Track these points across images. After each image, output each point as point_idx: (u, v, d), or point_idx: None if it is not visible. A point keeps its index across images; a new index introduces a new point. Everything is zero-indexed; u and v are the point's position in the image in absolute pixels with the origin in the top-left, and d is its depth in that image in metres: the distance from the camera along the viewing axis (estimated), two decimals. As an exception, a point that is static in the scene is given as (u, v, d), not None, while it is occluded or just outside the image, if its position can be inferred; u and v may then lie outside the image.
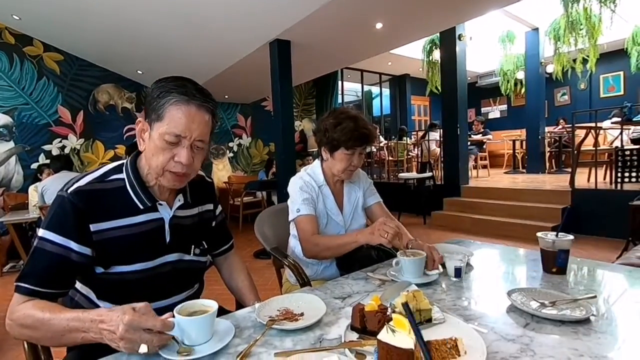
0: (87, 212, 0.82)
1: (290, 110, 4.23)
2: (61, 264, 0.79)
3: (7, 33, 5.22)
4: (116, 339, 0.66)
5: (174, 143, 0.83)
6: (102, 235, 0.83)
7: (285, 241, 1.54)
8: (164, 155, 0.83)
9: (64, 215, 0.81)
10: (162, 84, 0.84)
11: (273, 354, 0.68)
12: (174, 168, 0.84)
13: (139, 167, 0.91)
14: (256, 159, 7.91)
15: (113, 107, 6.17)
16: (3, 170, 5.27)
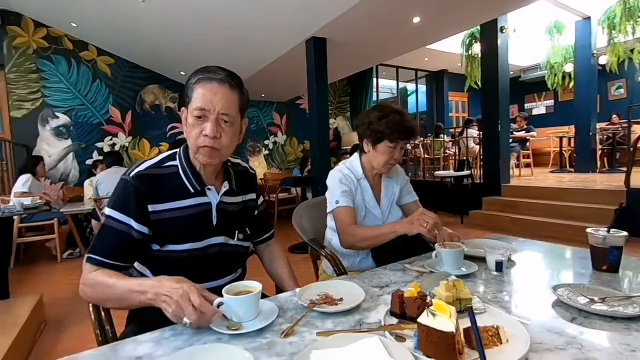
0: (146, 194, 0.91)
1: (326, 108, 4.26)
2: (124, 239, 0.88)
3: (67, 40, 5.68)
4: (171, 302, 0.72)
5: (201, 117, 0.90)
6: (158, 215, 0.92)
7: (323, 234, 1.57)
8: (195, 132, 0.91)
9: (126, 197, 0.90)
10: (192, 73, 0.93)
11: (315, 334, 0.71)
12: (203, 142, 0.91)
13: (189, 154, 0.99)
14: (291, 157, 8.04)
15: (158, 107, 6.53)
16: (62, 166, 5.75)
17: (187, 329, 0.74)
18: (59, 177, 5.70)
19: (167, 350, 0.67)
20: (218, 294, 0.83)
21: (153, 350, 0.68)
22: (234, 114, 0.94)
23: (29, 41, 5.46)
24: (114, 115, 6.11)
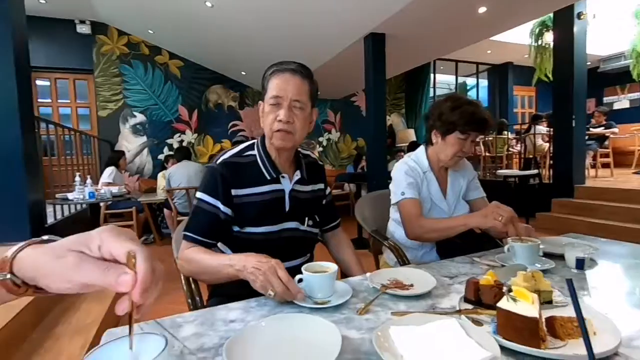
0: (229, 180, 1.02)
1: (383, 105, 4.23)
2: (213, 219, 1.00)
3: (144, 45, 6.26)
4: (258, 274, 0.80)
5: (275, 104, 1.01)
6: (239, 199, 1.03)
7: (384, 226, 1.60)
8: (270, 117, 1.02)
9: (214, 182, 1.02)
10: (268, 68, 1.05)
11: (390, 313, 0.74)
12: (278, 127, 1.01)
13: (266, 144, 1.10)
14: (344, 154, 8.08)
15: (220, 106, 6.94)
16: (138, 160, 6.36)
17: (269, 300, 0.82)
18: (135, 169, 6.32)
19: (255, 317, 0.75)
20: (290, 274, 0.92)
21: (243, 316, 0.76)
22: (305, 100, 1.03)
23: (113, 48, 6.11)
24: (182, 114, 6.62)
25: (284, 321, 0.68)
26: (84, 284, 0.36)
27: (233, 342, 0.60)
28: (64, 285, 0.36)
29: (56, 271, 0.36)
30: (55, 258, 0.36)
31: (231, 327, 0.71)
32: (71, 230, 0.42)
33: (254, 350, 0.59)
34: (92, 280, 0.35)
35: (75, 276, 0.35)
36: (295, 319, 0.69)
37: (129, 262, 0.36)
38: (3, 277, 0.38)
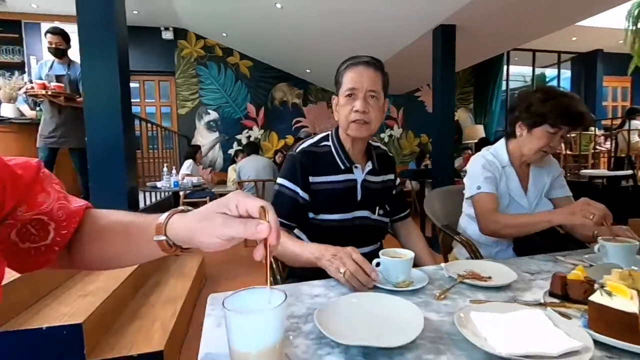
0: (307, 167, 1.10)
1: (452, 99, 4.06)
2: (293, 203, 1.08)
3: (218, 48, 6.74)
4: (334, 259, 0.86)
5: (351, 96, 1.07)
6: (316, 186, 1.10)
7: (453, 222, 1.57)
8: (345, 109, 1.08)
9: (293, 168, 1.11)
10: (341, 63, 1.11)
11: (468, 301, 0.76)
12: (354, 117, 1.07)
13: (340, 136, 1.16)
14: (406, 150, 7.90)
15: (285, 103, 7.21)
16: (211, 154, 6.89)
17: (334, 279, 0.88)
18: (208, 163, 6.84)
19: (336, 294, 0.81)
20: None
21: (325, 292, 0.82)
22: (379, 89, 1.09)
23: (192, 51, 6.67)
24: (250, 111, 7.01)
25: (367, 298, 0.73)
26: (229, 237, 0.44)
27: (321, 312, 0.66)
28: (214, 240, 0.44)
29: (208, 230, 0.44)
30: (205, 220, 0.45)
31: (316, 301, 0.78)
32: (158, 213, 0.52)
33: (341, 319, 0.65)
34: (237, 233, 0.43)
35: (224, 231, 0.43)
36: (377, 297, 0.74)
37: (262, 215, 0.44)
38: (160, 238, 0.48)
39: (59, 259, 0.53)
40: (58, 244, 0.51)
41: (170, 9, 5.64)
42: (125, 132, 2.75)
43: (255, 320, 0.42)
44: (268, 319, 0.42)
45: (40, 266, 0.51)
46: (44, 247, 0.50)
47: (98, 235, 0.54)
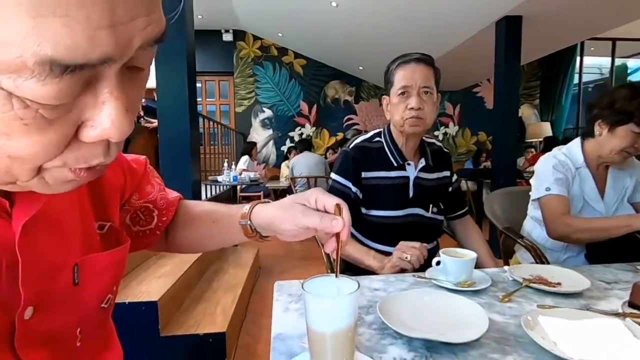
0: (360, 162, 1.13)
1: (516, 95, 3.80)
2: (345, 198, 1.09)
3: (273, 48, 6.97)
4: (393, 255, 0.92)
5: (404, 94, 1.07)
6: (367, 181, 1.13)
7: (516, 224, 1.50)
8: (400, 108, 1.09)
9: (345, 164, 1.14)
10: (391, 62, 1.12)
11: (535, 305, 0.74)
12: (409, 114, 1.07)
13: (392, 133, 1.17)
14: (462, 149, 7.56)
15: (337, 100, 7.25)
16: (265, 151, 7.16)
17: (407, 276, 0.90)
18: (262, 159, 7.12)
19: (396, 289, 0.84)
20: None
21: (385, 287, 0.85)
22: (432, 85, 1.09)
23: (249, 52, 6.97)
24: (303, 109, 7.16)
25: (429, 294, 0.74)
26: (305, 227, 0.49)
27: (384, 304, 0.69)
28: (292, 227, 0.49)
29: (288, 218, 0.50)
30: (286, 208, 0.51)
31: (376, 294, 0.81)
32: None
33: (403, 312, 0.67)
34: (313, 224, 0.48)
35: (303, 220, 0.48)
36: (438, 294, 0.75)
37: (336, 212, 0.48)
38: (245, 222, 0.54)
39: (157, 242, 0.62)
40: (159, 229, 0.60)
41: (230, 12, 5.94)
42: (191, 130, 2.97)
43: (331, 304, 0.47)
44: (342, 304, 0.46)
45: (144, 247, 0.61)
46: (149, 230, 0.59)
47: (190, 222, 0.62)
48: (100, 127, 0.26)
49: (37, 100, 0.22)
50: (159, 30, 0.26)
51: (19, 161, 0.25)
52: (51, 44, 0.20)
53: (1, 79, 0.21)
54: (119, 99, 0.25)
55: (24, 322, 0.35)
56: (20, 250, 0.34)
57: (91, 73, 0.23)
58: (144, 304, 1.58)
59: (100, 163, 0.29)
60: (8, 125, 0.23)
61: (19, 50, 0.20)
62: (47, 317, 0.37)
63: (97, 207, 0.47)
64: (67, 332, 0.41)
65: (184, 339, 1.61)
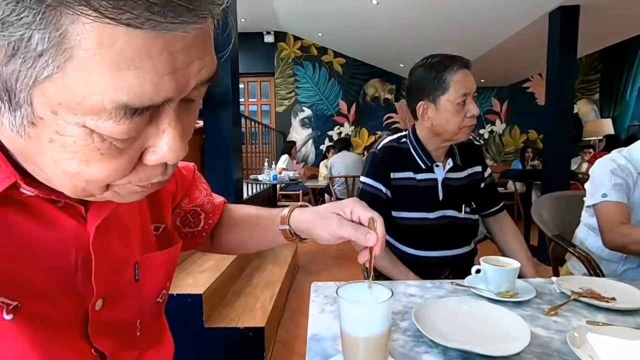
0: (389, 162, 1.12)
1: (571, 90, 3.53)
2: (376, 200, 1.10)
3: (313, 47, 7.03)
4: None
5: (462, 102, 1.03)
6: (397, 182, 1.12)
7: (568, 232, 1.40)
8: (458, 116, 1.04)
9: (374, 165, 1.13)
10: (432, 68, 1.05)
11: (585, 321, 0.69)
12: (469, 122, 1.05)
13: (418, 135, 1.14)
14: (509, 148, 7.16)
15: (377, 99, 7.17)
16: (304, 150, 7.26)
17: (445, 283, 0.88)
18: (301, 158, 7.23)
19: (432, 296, 0.82)
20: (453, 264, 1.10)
21: (421, 293, 0.84)
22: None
23: (290, 52, 7.09)
24: (342, 108, 7.15)
25: (467, 303, 0.73)
26: (339, 236, 0.50)
27: (419, 311, 0.68)
28: (327, 235, 0.51)
29: (324, 226, 0.51)
30: (323, 217, 0.52)
31: (412, 300, 0.80)
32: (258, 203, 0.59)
33: (439, 320, 0.67)
34: (346, 235, 0.49)
35: (337, 230, 0.50)
36: (477, 304, 0.73)
37: (371, 225, 0.49)
38: (285, 227, 0.57)
39: (204, 243, 0.67)
40: (206, 231, 0.64)
41: (272, 14, 6.08)
42: (234, 130, 3.09)
43: (365, 311, 0.48)
44: (376, 311, 0.47)
45: (192, 247, 0.65)
46: (197, 232, 0.64)
47: (234, 225, 0.66)
48: (161, 152, 0.31)
49: (113, 136, 0.27)
50: (211, 71, 0.30)
51: (92, 183, 0.31)
52: (125, 92, 0.25)
53: (85, 120, 0.26)
54: (176, 129, 0.30)
55: (95, 313, 0.40)
56: (93, 249, 0.38)
57: (154, 110, 0.28)
58: (190, 296, 1.68)
59: (159, 181, 0.34)
60: (88, 155, 0.28)
61: (100, 97, 0.25)
62: (113, 309, 0.42)
63: (154, 210, 0.52)
64: (129, 323, 0.46)
65: (226, 331, 1.69)
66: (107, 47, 0.23)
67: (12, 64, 0.24)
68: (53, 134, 0.27)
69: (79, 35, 0.23)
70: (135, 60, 0.24)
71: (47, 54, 0.23)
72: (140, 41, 0.24)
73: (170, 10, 0.23)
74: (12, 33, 0.22)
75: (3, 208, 0.33)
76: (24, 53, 0.23)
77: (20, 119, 0.26)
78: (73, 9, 0.22)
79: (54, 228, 0.37)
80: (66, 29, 0.23)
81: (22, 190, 0.33)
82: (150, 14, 0.23)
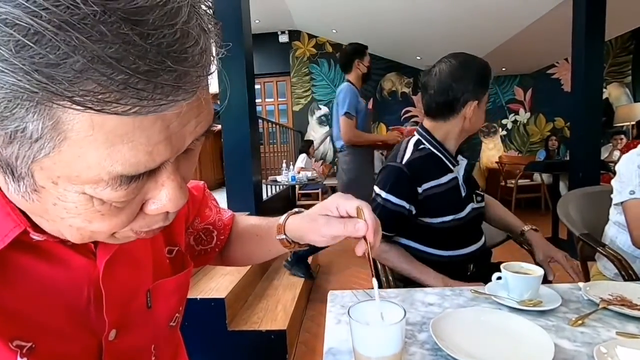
0: (417, 177, 1.08)
1: (599, 75, 3.34)
2: (398, 216, 1.08)
3: (328, 44, 6.99)
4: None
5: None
6: (427, 192, 1.09)
7: (596, 230, 1.34)
8: (483, 116, 1.13)
9: (400, 184, 1.09)
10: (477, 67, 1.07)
11: (614, 332, 0.66)
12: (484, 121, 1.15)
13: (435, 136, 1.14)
14: (535, 137, 6.89)
15: (394, 93, 7.06)
16: (322, 148, 7.25)
17: (464, 291, 0.86)
18: (319, 156, 7.23)
19: (452, 305, 0.80)
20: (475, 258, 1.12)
21: (440, 302, 0.82)
22: None
23: (305, 51, 7.08)
24: (359, 104, 7.08)
25: (488, 314, 0.71)
26: (332, 236, 0.50)
27: (438, 322, 0.67)
28: (320, 238, 0.51)
29: (314, 230, 0.51)
30: (311, 221, 0.53)
31: (430, 309, 0.79)
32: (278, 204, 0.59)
33: (458, 332, 0.65)
34: (336, 233, 0.49)
35: (327, 231, 0.50)
36: (498, 314, 0.71)
37: (359, 214, 0.49)
38: (281, 237, 0.57)
39: (215, 259, 0.68)
40: (218, 247, 0.65)
41: (285, 13, 6.08)
42: (251, 132, 3.12)
43: (377, 332, 0.47)
44: (387, 333, 0.46)
45: (205, 263, 0.67)
46: (210, 249, 0.65)
47: (239, 237, 0.68)
48: (160, 202, 0.32)
49: (111, 201, 0.29)
50: (207, 124, 0.31)
51: (97, 233, 0.33)
52: (120, 164, 0.26)
53: (84, 188, 0.27)
54: (174, 181, 0.31)
55: (109, 343, 0.41)
56: (103, 284, 0.39)
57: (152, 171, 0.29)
58: (213, 300, 1.72)
59: (160, 227, 0.36)
60: (90, 216, 0.30)
61: (96, 171, 0.26)
62: (127, 337, 0.44)
63: (167, 233, 0.54)
64: (144, 350, 0.47)
65: (248, 335, 1.72)
66: (99, 128, 0.24)
67: (11, 148, 0.25)
68: (55, 199, 0.28)
69: (71, 122, 0.24)
70: (128, 134, 0.25)
71: (42, 139, 0.24)
72: (131, 120, 0.25)
73: (159, 93, 0.24)
74: (7, 125, 0.24)
75: (15, 253, 0.34)
76: (20, 140, 0.25)
77: (24, 187, 0.28)
78: (61, 104, 0.23)
79: (64, 266, 0.38)
80: (59, 117, 0.24)
81: (31, 236, 0.34)
82: (138, 100, 0.23)
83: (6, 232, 0.32)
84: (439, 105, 1.10)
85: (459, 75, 1.05)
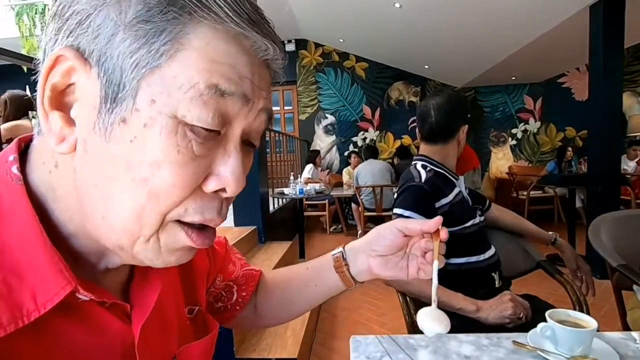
0: (435, 194, 1.15)
1: (619, 84, 3.22)
2: None
3: (334, 53, 6.96)
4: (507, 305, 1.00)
5: None
6: (441, 209, 1.15)
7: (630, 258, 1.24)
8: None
9: (418, 199, 1.15)
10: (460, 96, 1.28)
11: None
12: None
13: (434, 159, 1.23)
14: (545, 147, 6.76)
15: (402, 102, 6.99)
16: (328, 157, 7.18)
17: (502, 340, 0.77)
18: (326, 165, 7.16)
19: (491, 358, 0.71)
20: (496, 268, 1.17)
21: (477, 354, 0.73)
22: None
23: (311, 60, 7.05)
24: (366, 113, 7.03)
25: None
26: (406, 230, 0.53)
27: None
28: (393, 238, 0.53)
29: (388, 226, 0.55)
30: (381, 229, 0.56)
31: (467, 365, 0.70)
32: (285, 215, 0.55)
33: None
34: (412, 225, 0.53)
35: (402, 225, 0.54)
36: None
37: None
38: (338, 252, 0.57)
39: (245, 319, 0.62)
40: (239, 304, 0.58)
41: (292, 22, 6.06)
42: (259, 146, 3.06)
43: None
44: None
45: (225, 322, 0.59)
46: (230, 305, 0.59)
47: (278, 285, 0.62)
48: (224, 177, 0.32)
49: (198, 124, 0.29)
50: (270, 111, 0.35)
51: (153, 200, 0.30)
52: (217, 76, 0.29)
53: (178, 108, 0.29)
54: (240, 152, 0.33)
55: None
56: (139, 351, 0.36)
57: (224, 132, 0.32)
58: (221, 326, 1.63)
59: (213, 219, 0.34)
60: (165, 153, 0.29)
61: (197, 80, 0.29)
62: None
63: (188, 291, 0.48)
64: None
65: (257, 363, 1.64)
66: (214, 43, 0.29)
67: (138, 55, 0.28)
68: (140, 129, 0.29)
69: (193, 34, 0.28)
70: (229, 57, 0.30)
71: (167, 44, 0.28)
72: (235, 49, 0.30)
73: (260, 26, 0.32)
74: (156, 24, 0.28)
75: (57, 318, 0.30)
76: (151, 43, 0.28)
77: (114, 116, 0.29)
78: (200, 13, 0.28)
79: (99, 332, 0.34)
80: (186, 27, 0.28)
81: (77, 296, 0.31)
82: (252, 26, 0.31)
83: (57, 290, 0.29)
84: (442, 129, 1.21)
85: (455, 104, 1.22)
